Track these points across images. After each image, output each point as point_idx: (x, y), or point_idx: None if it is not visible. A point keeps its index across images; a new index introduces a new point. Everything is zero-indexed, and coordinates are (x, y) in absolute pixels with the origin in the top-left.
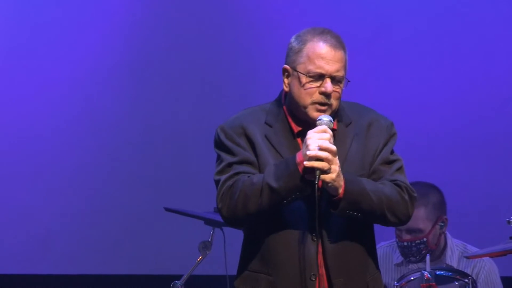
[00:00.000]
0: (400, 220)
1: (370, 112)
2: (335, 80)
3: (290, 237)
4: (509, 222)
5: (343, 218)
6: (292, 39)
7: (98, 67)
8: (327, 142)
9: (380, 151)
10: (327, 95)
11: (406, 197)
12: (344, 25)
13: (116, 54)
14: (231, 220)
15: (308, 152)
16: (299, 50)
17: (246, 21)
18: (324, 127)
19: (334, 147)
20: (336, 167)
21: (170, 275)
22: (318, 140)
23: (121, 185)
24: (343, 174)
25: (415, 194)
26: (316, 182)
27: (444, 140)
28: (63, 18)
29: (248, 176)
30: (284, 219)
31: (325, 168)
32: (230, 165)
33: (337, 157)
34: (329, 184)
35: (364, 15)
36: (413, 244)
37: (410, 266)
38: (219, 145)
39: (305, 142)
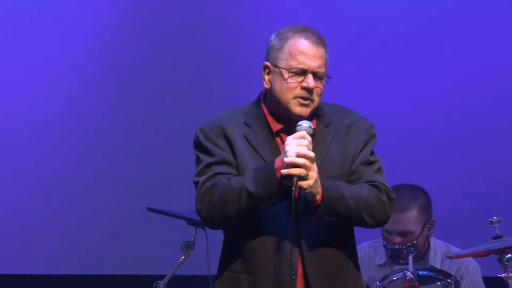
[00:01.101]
0: (378, 222)
1: (350, 114)
2: (316, 76)
3: (269, 238)
4: (491, 222)
5: (322, 222)
6: (272, 37)
7: (82, 67)
8: (305, 148)
9: (360, 151)
10: (309, 90)
11: (385, 198)
12: (331, 25)
13: (100, 55)
14: (210, 222)
15: (285, 159)
16: (281, 47)
17: (233, 22)
18: (303, 133)
19: (312, 154)
20: (314, 173)
21: (153, 275)
22: (297, 146)
23: (104, 185)
24: (321, 179)
25: (394, 196)
26: (293, 189)
27: (427, 140)
28: (47, 18)
29: (228, 179)
30: (264, 220)
31: (303, 175)
32: (208, 166)
33: (315, 164)
34: (307, 191)
35: (351, 15)
36: (404, 247)
37: (393, 268)
38: (198, 146)
39: (284, 148)
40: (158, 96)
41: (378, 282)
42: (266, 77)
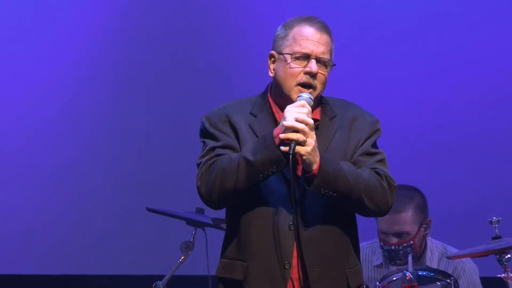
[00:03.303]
0: (379, 208)
1: (356, 108)
2: (320, 62)
3: (266, 225)
4: (491, 222)
5: (323, 208)
6: (279, 28)
7: (79, 66)
8: (305, 115)
9: (362, 144)
10: (312, 75)
11: (385, 184)
12: (328, 23)
13: (97, 54)
14: (209, 199)
15: (284, 123)
16: (285, 35)
17: (229, 21)
18: (303, 102)
19: (311, 121)
20: (312, 141)
21: (152, 276)
22: (296, 113)
23: (103, 185)
24: (320, 152)
25: (395, 184)
26: (291, 152)
27: (426, 140)
28: (44, 17)
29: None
30: (262, 206)
31: (301, 140)
32: (213, 149)
33: (313, 132)
34: (304, 157)
35: (349, 13)
36: (400, 248)
37: (390, 268)
38: (204, 133)
39: (283, 115)
40: (158, 96)
41: (377, 282)
42: (271, 66)
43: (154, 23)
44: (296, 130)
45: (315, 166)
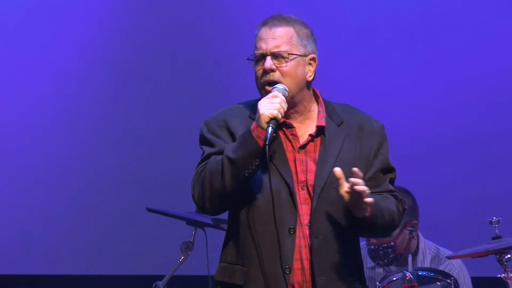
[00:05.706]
0: (392, 232)
1: (360, 113)
2: (277, 56)
3: (267, 229)
4: (491, 222)
5: (336, 219)
6: None
7: (79, 67)
8: (278, 105)
9: (375, 154)
10: (267, 72)
11: (401, 209)
12: (327, 25)
13: (98, 55)
14: (203, 205)
15: (260, 110)
16: (254, 43)
17: (230, 22)
18: (275, 92)
19: (285, 106)
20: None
21: (152, 276)
22: (268, 104)
23: (103, 186)
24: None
25: (406, 207)
26: (267, 143)
27: (426, 141)
28: (44, 17)
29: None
30: (262, 210)
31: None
32: (208, 156)
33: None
34: (367, 209)
35: (349, 14)
36: (380, 248)
37: (377, 270)
38: (202, 139)
39: (257, 109)
40: (158, 96)
41: (378, 283)
42: None
43: (154, 24)
44: (274, 118)
45: (367, 214)
